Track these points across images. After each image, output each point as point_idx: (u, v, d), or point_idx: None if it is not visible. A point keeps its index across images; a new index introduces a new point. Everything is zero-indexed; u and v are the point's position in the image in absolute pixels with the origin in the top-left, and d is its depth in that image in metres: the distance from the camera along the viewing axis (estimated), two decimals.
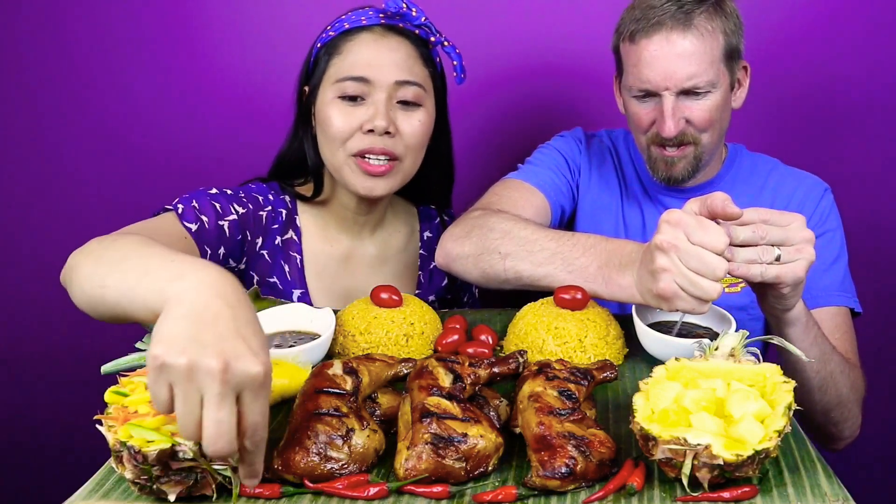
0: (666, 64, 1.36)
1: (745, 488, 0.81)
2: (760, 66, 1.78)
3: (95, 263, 0.96)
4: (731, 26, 1.40)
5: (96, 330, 2.05)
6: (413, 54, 1.38)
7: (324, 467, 0.85)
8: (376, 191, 1.39)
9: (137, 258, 0.91)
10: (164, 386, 0.73)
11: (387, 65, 1.35)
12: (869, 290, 1.48)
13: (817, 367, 1.20)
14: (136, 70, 1.96)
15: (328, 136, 1.38)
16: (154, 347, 0.73)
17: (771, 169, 1.58)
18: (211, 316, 0.75)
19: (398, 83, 1.36)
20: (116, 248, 0.97)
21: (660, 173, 1.47)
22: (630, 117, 1.48)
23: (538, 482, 0.83)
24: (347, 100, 1.36)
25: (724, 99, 1.42)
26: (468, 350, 1.15)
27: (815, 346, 1.18)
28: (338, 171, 1.40)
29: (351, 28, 1.38)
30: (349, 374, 0.94)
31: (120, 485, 0.85)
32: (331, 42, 1.39)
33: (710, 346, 0.95)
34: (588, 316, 1.17)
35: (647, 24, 1.37)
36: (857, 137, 1.93)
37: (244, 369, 0.73)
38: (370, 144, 1.35)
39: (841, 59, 1.88)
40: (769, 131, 1.93)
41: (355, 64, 1.35)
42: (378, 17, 1.39)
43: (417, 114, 1.39)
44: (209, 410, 0.72)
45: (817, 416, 1.31)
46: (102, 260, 0.95)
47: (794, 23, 1.88)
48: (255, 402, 0.74)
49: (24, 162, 2.02)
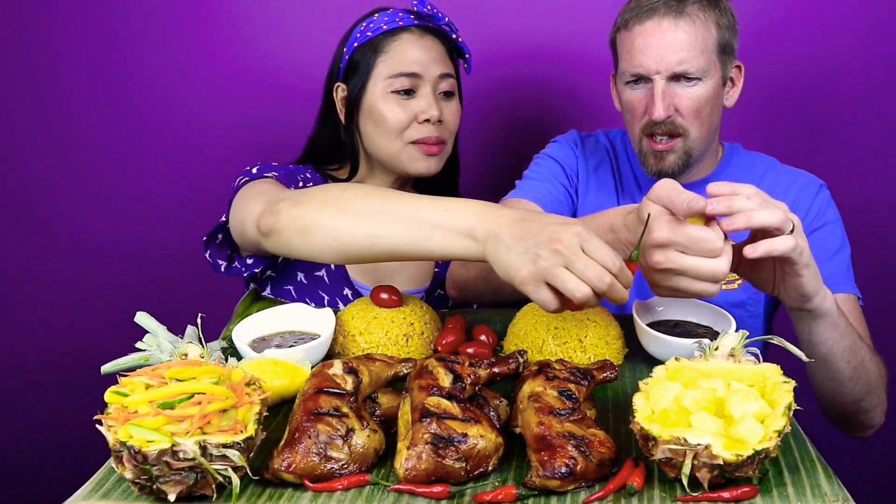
0: (658, 49, 1.39)
1: (745, 488, 0.81)
2: (757, 66, 1.79)
3: (337, 213, 1.10)
4: (724, 21, 1.43)
5: (96, 330, 2.07)
6: (444, 50, 1.54)
7: (324, 467, 0.85)
8: (433, 168, 1.54)
9: (397, 205, 1.07)
10: (547, 289, 0.94)
11: (430, 60, 1.50)
12: (862, 287, 1.48)
13: (848, 356, 1.19)
14: (160, 65, 1.97)
15: (385, 128, 1.50)
16: (520, 270, 0.95)
17: (767, 167, 1.58)
18: (520, 221, 0.98)
19: (441, 76, 1.51)
20: (351, 196, 1.11)
21: (650, 167, 1.48)
22: (625, 108, 1.50)
23: (538, 482, 0.83)
24: (400, 94, 1.49)
25: (715, 92, 1.44)
26: (468, 350, 1.16)
27: (845, 337, 1.17)
28: (394, 157, 1.52)
29: (390, 29, 1.51)
30: (349, 374, 0.94)
31: (120, 485, 0.85)
32: (370, 42, 1.51)
33: (710, 346, 0.95)
34: (588, 316, 1.17)
35: (640, 11, 1.41)
36: (853, 138, 1.92)
37: (574, 233, 0.94)
38: (427, 133, 1.50)
39: (838, 58, 1.88)
40: (765, 131, 1.93)
41: (403, 61, 1.49)
42: (411, 18, 1.52)
43: (454, 102, 1.55)
44: (579, 266, 0.93)
45: (848, 406, 1.29)
46: (351, 211, 1.09)
47: (791, 22, 1.88)
48: (596, 248, 0.94)
49: (23, 162, 2.03)
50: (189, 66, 1.97)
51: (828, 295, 1.12)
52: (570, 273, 0.93)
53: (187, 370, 0.87)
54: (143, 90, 1.98)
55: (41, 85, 1.98)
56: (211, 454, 0.79)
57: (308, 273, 1.51)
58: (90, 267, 2.07)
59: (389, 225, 1.06)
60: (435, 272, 1.62)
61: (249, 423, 0.83)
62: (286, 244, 1.15)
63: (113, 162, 2.02)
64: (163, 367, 0.90)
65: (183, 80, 1.97)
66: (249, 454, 0.82)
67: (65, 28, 1.95)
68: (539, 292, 0.95)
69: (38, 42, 1.96)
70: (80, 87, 1.98)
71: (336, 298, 1.51)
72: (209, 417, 0.81)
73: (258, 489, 0.84)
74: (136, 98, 1.99)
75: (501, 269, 0.98)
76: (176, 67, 1.97)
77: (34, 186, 2.04)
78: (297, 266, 1.51)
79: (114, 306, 2.05)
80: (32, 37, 1.95)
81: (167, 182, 2.02)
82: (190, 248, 1.99)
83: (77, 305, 2.09)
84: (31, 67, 1.97)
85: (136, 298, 2.00)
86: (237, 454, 0.80)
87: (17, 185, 2.03)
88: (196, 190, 2.02)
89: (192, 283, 2.03)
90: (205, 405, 0.81)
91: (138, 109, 1.99)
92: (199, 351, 0.96)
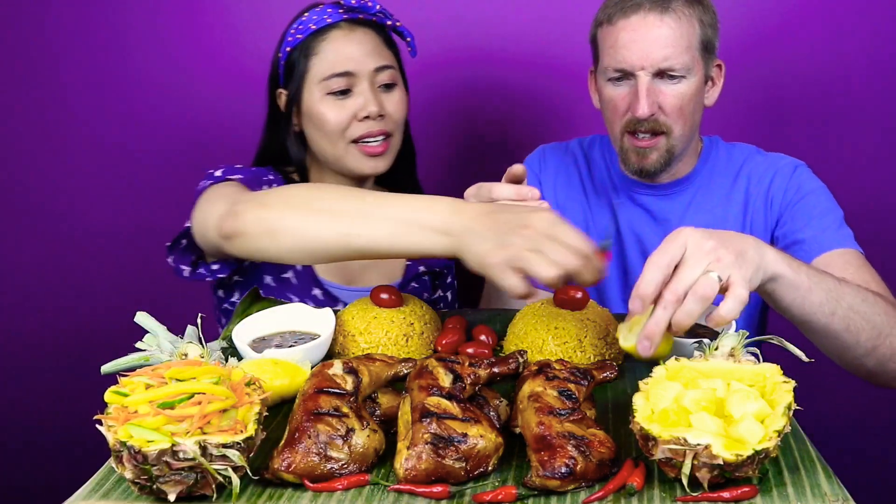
0: (643, 44, 1.38)
1: (745, 488, 0.81)
2: (739, 63, 1.79)
3: (307, 213, 1.10)
4: (707, 18, 1.42)
5: (96, 330, 2.06)
6: (379, 41, 1.50)
7: (324, 467, 0.85)
8: (379, 168, 1.50)
9: (370, 204, 1.08)
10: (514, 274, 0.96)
11: (362, 55, 1.46)
12: None
13: (828, 308, 1.08)
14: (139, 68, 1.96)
15: (325, 131, 1.47)
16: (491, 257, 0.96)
17: (746, 157, 1.57)
18: (492, 213, 1.00)
19: (377, 70, 1.47)
20: (319, 196, 1.12)
21: (632, 165, 1.47)
22: (605, 104, 1.48)
23: (538, 482, 0.83)
24: (337, 94, 1.46)
25: (698, 90, 1.43)
26: (468, 350, 1.15)
27: (813, 291, 1.06)
28: (339, 159, 1.49)
29: (318, 28, 1.47)
30: (349, 374, 0.94)
31: (120, 485, 0.85)
32: (302, 44, 1.48)
33: (710, 346, 0.95)
34: (588, 316, 1.17)
35: (625, 6, 1.39)
36: (837, 132, 1.91)
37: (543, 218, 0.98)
38: (368, 129, 1.46)
39: (816, 55, 1.87)
40: (747, 129, 1.91)
41: (336, 61, 1.46)
42: (339, 13, 1.48)
43: (395, 92, 1.51)
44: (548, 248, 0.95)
45: (866, 360, 1.17)
46: (321, 210, 1.09)
47: (772, 19, 1.87)
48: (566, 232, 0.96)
49: (22, 161, 2.02)
50: (186, 65, 1.96)
51: (768, 260, 1.01)
52: (539, 255, 0.95)
53: (187, 370, 0.87)
54: (142, 90, 1.98)
55: (39, 84, 1.98)
56: (211, 454, 0.79)
57: (275, 276, 1.49)
58: (90, 267, 2.06)
59: (364, 223, 1.06)
60: (406, 265, 1.61)
61: (249, 423, 0.83)
62: (252, 246, 1.14)
63: (112, 161, 2.02)
64: (163, 367, 0.90)
65: (181, 78, 1.97)
66: (249, 454, 0.82)
67: (63, 27, 1.95)
68: (505, 277, 0.96)
69: (36, 41, 1.96)
70: (77, 86, 1.98)
71: (305, 300, 1.48)
72: (209, 417, 0.81)
73: (258, 489, 0.84)
74: (135, 97, 1.98)
75: (475, 259, 0.99)
76: (173, 66, 1.97)
77: (32, 185, 2.03)
78: (264, 269, 1.49)
79: (114, 306, 2.05)
80: (31, 36, 1.95)
81: (167, 182, 2.02)
82: None
83: (77, 305, 2.09)
84: (28, 66, 1.97)
85: (137, 298, 1.99)
86: (237, 454, 0.80)
87: (16, 183, 2.03)
88: (196, 190, 2.01)
89: (193, 282, 2.02)
90: (205, 405, 0.81)
91: (137, 109, 1.99)
92: (199, 351, 0.95)
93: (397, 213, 1.06)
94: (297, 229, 1.09)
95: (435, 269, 1.65)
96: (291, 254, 1.12)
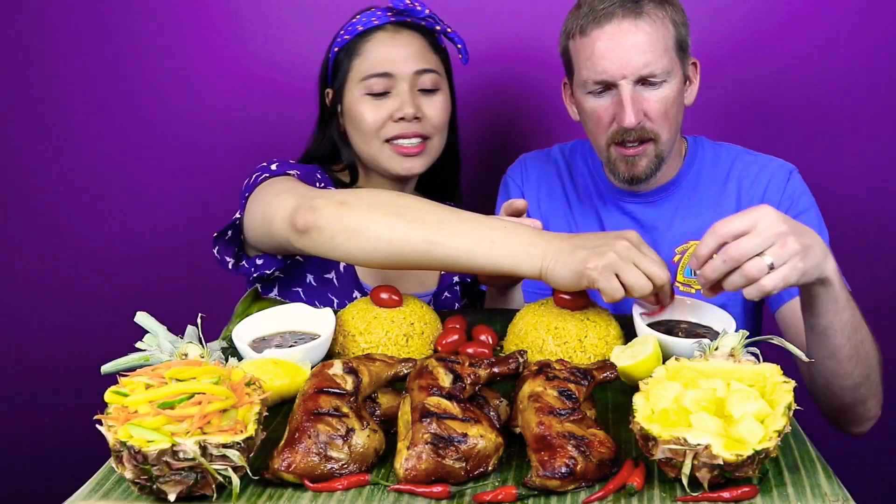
0: (621, 52, 1.35)
1: (745, 488, 0.81)
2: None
3: (393, 217, 1.13)
4: (679, 17, 1.40)
5: (96, 330, 2.06)
6: (425, 45, 1.51)
7: (324, 467, 0.85)
8: (414, 169, 1.51)
9: (455, 217, 1.14)
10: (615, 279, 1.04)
11: (404, 58, 1.48)
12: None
13: (849, 332, 1.14)
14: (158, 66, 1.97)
15: (361, 130, 1.50)
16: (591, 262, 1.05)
17: (734, 158, 1.54)
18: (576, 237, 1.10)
19: (417, 73, 1.48)
20: (405, 204, 1.16)
21: (621, 174, 1.44)
22: (587, 118, 1.44)
23: (538, 482, 0.83)
24: (374, 95, 1.48)
25: (679, 91, 1.41)
26: (468, 350, 1.15)
27: (846, 310, 1.12)
28: (374, 158, 1.51)
29: (365, 29, 1.49)
30: (349, 374, 0.94)
31: (120, 485, 0.85)
32: (348, 45, 1.51)
33: (710, 346, 0.95)
34: (588, 316, 1.17)
35: (596, 16, 1.36)
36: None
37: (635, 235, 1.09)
38: (402, 130, 1.48)
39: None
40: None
41: (376, 62, 1.48)
42: (387, 15, 1.50)
43: (437, 97, 1.52)
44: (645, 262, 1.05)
45: (847, 393, 1.22)
46: (406, 217, 1.13)
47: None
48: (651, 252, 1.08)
49: (22, 162, 2.02)
50: (189, 66, 1.96)
51: (828, 264, 1.06)
52: (634, 266, 1.03)
53: (187, 370, 0.87)
54: (142, 90, 1.98)
55: (40, 86, 1.98)
56: (211, 454, 0.79)
57: (318, 275, 1.49)
58: (90, 267, 2.06)
59: (448, 234, 1.11)
60: (441, 275, 1.61)
61: (249, 423, 0.83)
62: (326, 243, 1.15)
63: (112, 162, 2.02)
64: (163, 367, 0.90)
65: (182, 80, 1.97)
66: (249, 454, 0.82)
67: (64, 28, 1.95)
68: (611, 281, 1.04)
69: (37, 42, 1.96)
70: (78, 87, 1.98)
71: (345, 301, 1.48)
72: (209, 417, 0.81)
73: (258, 489, 0.84)
74: (136, 98, 1.98)
75: (566, 268, 1.06)
76: (176, 67, 1.96)
77: (33, 186, 2.03)
78: (308, 268, 1.49)
79: (114, 306, 2.04)
80: (32, 37, 1.95)
81: (167, 182, 2.02)
82: (190, 248, 1.99)
83: (77, 305, 2.09)
84: (30, 68, 1.97)
85: (136, 298, 1.99)
86: (237, 454, 0.80)
87: (17, 184, 2.03)
88: (196, 190, 2.01)
89: (193, 282, 2.03)
90: (205, 405, 0.81)
91: (138, 109, 1.99)
92: (199, 351, 0.96)
93: (481, 229, 1.11)
94: (382, 231, 1.12)
95: (467, 279, 1.65)
96: (368, 255, 1.14)
